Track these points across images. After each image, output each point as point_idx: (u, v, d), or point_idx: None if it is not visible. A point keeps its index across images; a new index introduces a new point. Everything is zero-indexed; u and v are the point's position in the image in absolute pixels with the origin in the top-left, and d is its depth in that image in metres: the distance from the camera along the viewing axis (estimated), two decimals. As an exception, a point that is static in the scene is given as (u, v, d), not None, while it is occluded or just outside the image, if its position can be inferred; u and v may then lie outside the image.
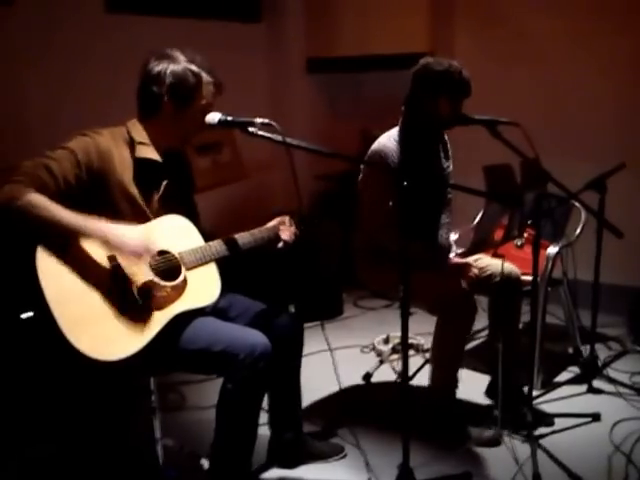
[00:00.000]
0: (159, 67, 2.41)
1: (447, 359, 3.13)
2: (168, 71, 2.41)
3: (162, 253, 2.41)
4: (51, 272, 2.18)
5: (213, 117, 2.45)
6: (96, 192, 2.31)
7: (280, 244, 2.76)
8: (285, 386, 2.85)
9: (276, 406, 2.88)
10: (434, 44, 5.02)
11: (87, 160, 2.28)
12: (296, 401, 2.91)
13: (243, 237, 2.64)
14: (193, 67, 2.44)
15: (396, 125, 3.15)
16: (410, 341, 3.92)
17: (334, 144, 4.57)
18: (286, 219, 2.81)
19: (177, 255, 2.43)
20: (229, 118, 2.44)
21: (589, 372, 3.58)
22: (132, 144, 2.42)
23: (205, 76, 2.46)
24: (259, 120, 2.37)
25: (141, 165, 2.42)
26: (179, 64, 2.42)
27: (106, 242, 2.24)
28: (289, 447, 2.90)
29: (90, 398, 2.96)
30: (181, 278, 2.40)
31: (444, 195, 3.28)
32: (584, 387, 3.51)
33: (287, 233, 2.76)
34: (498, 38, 4.86)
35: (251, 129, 2.39)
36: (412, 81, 3.09)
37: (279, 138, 2.34)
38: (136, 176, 2.40)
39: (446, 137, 3.30)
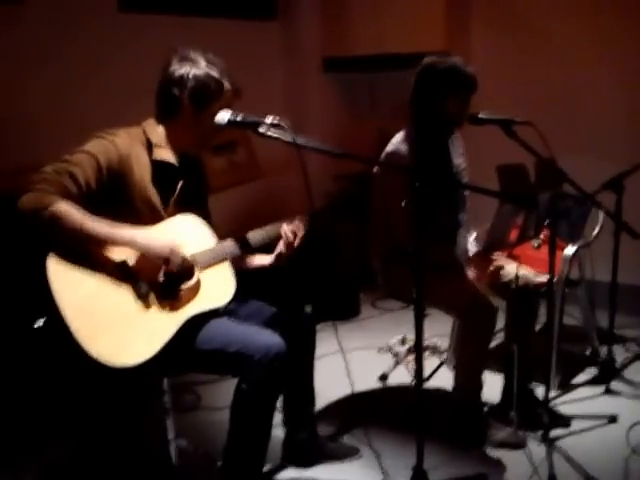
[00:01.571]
0: (182, 70, 2.42)
1: (471, 362, 3.10)
2: (191, 75, 2.41)
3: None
4: (63, 279, 2.18)
5: (222, 117, 2.42)
6: (115, 194, 2.32)
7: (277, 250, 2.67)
8: (299, 386, 2.86)
9: (290, 406, 2.88)
10: (450, 43, 4.98)
11: (108, 164, 2.28)
12: (310, 401, 2.91)
13: (255, 234, 2.63)
14: (214, 73, 2.44)
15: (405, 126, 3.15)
16: (426, 343, 3.91)
17: (350, 143, 4.56)
18: (289, 230, 2.63)
19: (190, 256, 2.43)
20: (238, 118, 2.41)
21: (606, 374, 3.55)
22: (149, 146, 2.43)
23: (226, 82, 2.46)
24: (269, 120, 2.33)
25: (158, 167, 2.42)
26: (201, 68, 2.43)
27: (134, 246, 2.26)
28: (303, 447, 2.90)
29: (104, 399, 2.97)
30: (194, 279, 2.40)
31: (460, 194, 3.25)
32: (601, 389, 3.49)
33: (283, 246, 2.64)
34: (514, 37, 4.83)
35: (261, 129, 2.35)
36: (417, 82, 3.09)
37: (289, 138, 2.31)
38: (153, 178, 2.41)
39: (458, 134, 3.28)
